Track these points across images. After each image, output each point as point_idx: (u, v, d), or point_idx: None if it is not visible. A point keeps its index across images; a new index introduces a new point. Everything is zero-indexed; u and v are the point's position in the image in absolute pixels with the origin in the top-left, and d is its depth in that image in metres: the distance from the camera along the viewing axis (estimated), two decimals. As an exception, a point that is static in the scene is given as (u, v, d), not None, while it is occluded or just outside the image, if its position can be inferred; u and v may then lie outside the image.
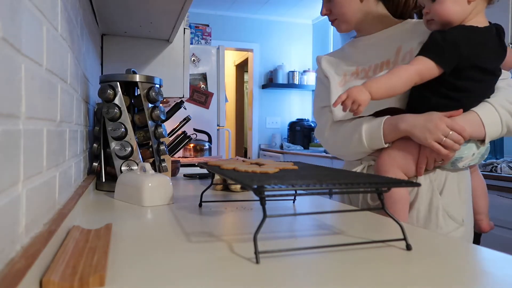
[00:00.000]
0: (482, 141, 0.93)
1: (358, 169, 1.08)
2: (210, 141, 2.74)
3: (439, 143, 0.89)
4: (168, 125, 1.55)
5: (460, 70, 0.88)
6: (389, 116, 0.98)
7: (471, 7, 0.88)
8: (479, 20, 0.90)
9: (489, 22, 0.92)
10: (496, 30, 0.90)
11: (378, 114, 1.02)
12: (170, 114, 1.64)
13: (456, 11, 0.88)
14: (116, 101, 1.12)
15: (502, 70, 0.97)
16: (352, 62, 1.15)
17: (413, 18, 1.13)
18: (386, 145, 0.99)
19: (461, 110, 0.92)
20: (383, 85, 0.89)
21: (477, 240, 1.14)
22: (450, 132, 0.88)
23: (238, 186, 1.14)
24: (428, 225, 0.96)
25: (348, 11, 1.10)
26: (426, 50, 0.90)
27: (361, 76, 1.10)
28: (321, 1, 1.18)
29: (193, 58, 3.54)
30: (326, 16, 1.17)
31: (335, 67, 1.17)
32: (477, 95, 0.93)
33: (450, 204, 0.97)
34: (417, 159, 0.95)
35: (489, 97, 0.94)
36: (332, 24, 1.17)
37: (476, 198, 1.04)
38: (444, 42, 0.88)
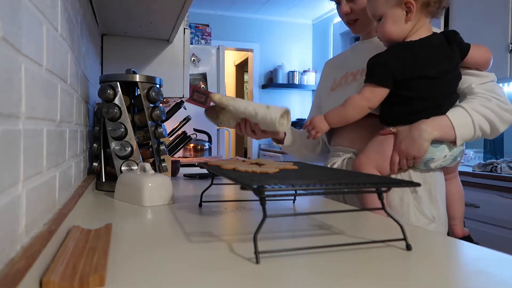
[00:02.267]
0: (455, 142, 0.97)
1: (338, 160, 1.13)
2: (210, 141, 2.74)
3: None
4: (168, 125, 1.55)
5: (404, 82, 0.96)
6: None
7: (410, 25, 0.97)
8: (422, 34, 0.98)
9: (433, 32, 1.00)
10: (444, 36, 0.99)
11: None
12: (170, 114, 1.64)
13: (395, 30, 0.97)
14: (116, 101, 1.12)
15: (485, 73, 1.03)
16: (342, 67, 1.20)
17: None
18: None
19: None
20: (337, 116, 1.03)
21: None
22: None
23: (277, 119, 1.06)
24: (400, 218, 0.99)
25: None
26: (366, 77, 0.99)
27: (349, 80, 1.15)
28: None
29: (193, 58, 3.55)
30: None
31: (329, 72, 1.25)
32: (435, 98, 0.98)
33: (421, 202, 1.02)
34: (390, 159, 1.00)
35: (452, 96, 1.00)
36: (348, 24, 1.18)
37: (452, 204, 1.09)
38: (376, 64, 0.98)
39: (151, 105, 1.17)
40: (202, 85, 3.57)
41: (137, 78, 1.15)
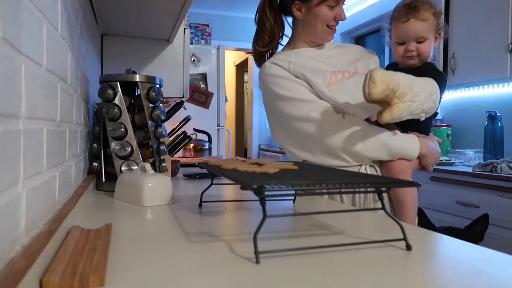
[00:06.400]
0: None
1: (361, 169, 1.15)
2: (210, 141, 2.73)
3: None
4: (168, 125, 1.55)
5: None
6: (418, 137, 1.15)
7: None
8: None
9: None
10: None
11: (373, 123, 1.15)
12: (170, 114, 1.64)
13: (431, 52, 1.17)
14: (116, 101, 1.12)
15: None
16: (325, 64, 1.17)
17: None
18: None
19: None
20: None
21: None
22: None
23: None
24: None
25: None
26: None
27: (339, 77, 1.14)
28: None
29: (193, 58, 3.55)
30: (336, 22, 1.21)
31: (309, 68, 1.16)
32: None
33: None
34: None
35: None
36: (331, 30, 1.21)
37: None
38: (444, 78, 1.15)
39: (151, 105, 1.17)
40: (202, 85, 3.57)
41: (137, 78, 1.15)
